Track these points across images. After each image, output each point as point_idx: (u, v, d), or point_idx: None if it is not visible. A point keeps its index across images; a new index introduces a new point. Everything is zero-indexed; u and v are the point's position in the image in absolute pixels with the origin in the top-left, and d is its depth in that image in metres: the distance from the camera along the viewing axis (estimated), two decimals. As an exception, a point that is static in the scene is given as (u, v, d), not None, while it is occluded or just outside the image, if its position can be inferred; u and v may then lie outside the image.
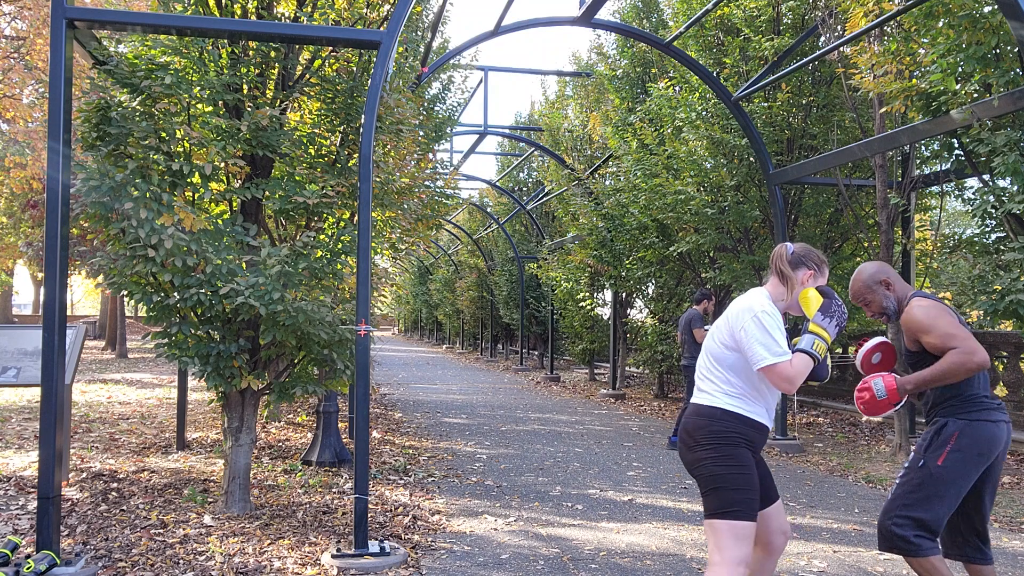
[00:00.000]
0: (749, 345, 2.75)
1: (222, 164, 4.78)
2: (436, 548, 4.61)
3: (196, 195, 4.86)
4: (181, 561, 4.15)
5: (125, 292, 4.69)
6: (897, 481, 3.11)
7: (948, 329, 2.94)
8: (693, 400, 2.94)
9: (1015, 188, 6.28)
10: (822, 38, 9.33)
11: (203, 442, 7.71)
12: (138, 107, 4.48)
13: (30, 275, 34.39)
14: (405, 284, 38.38)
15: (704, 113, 10.34)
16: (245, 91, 5.20)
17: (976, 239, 7.34)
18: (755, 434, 2.82)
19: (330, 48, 5.34)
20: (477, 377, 18.39)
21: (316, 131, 5.52)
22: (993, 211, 6.57)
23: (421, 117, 7.71)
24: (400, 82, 6.02)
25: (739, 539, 2.67)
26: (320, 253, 4.98)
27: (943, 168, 8.38)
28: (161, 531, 4.64)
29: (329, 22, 5.52)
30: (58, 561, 3.88)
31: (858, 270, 3.26)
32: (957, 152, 7.79)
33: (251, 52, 5.19)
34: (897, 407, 3.15)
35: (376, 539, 4.53)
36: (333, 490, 5.94)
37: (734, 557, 2.65)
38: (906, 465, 3.09)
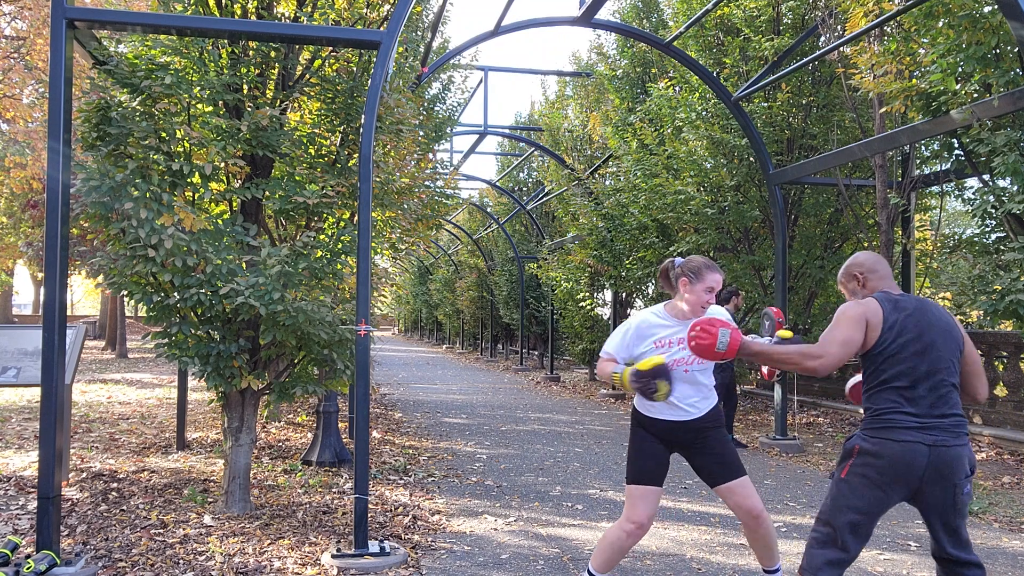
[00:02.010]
0: None
1: (222, 164, 4.78)
2: (436, 548, 4.61)
3: (196, 195, 4.86)
4: (181, 561, 4.15)
5: (125, 292, 4.69)
6: None
7: (832, 331, 2.88)
8: None
9: (1015, 188, 6.29)
10: (822, 38, 9.34)
11: (203, 442, 7.71)
12: (138, 107, 4.48)
13: (30, 275, 34.40)
14: (405, 284, 38.37)
15: (704, 113, 10.35)
16: (245, 91, 5.20)
17: (976, 239, 7.35)
18: (648, 422, 3.47)
19: (330, 48, 5.34)
20: (477, 377, 18.39)
21: (316, 131, 5.52)
22: (993, 211, 6.57)
23: (421, 117, 7.71)
24: (400, 82, 6.02)
25: (632, 498, 3.43)
26: (320, 253, 4.98)
27: (943, 168, 8.39)
28: (161, 531, 4.64)
29: (329, 22, 5.52)
30: (58, 561, 3.88)
31: (852, 257, 3.19)
32: (957, 152, 7.79)
33: (251, 52, 5.19)
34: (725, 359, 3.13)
35: (376, 539, 4.53)
36: (333, 490, 5.94)
37: (627, 512, 3.42)
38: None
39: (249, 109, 5.04)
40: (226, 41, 5.05)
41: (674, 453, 3.52)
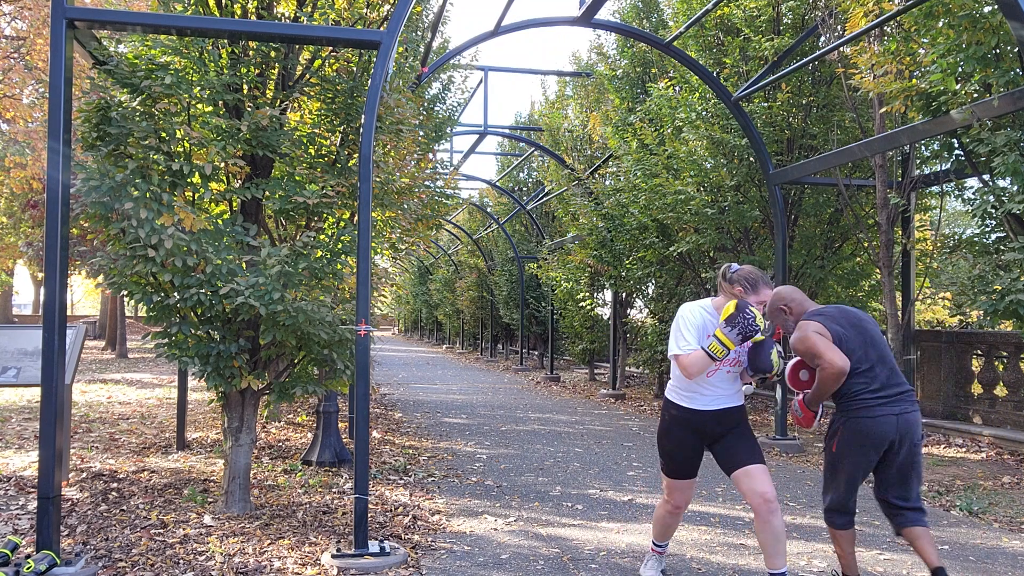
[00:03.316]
0: (670, 339, 3.69)
1: (222, 164, 4.78)
2: (436, 548, 4.61)
3: (196, 195, 4.85)
4: (181, 561, 4.15)
5: (125, 292, 4.69)
6: None
7: (814, 349, 3.49)
8: None
9: (1015, 188, 6.29)
10: (822, 38, 9.33)
11: (203, 442, 7.71)
12: (138, 107, 4.48)
13: (30, 275, 34.39)
14: (405, 284, 38.37)
15: (704, 113, 10.34)
16: (245, 91, 5.19)
17: (976, 239, 7.35)
18: (687, 414, 3.71)
19: (330, 48, 5.34)
20: (477, 377, 18.39)
21: (316, 131, 5.52)
22: (993, 211, 6.57)
23: (421, 117, 7.71)
24: (400, 82, 6.02)
25: (669, 488, 3.88)
26: (320, 253, 4.98)
27: (943, 168, 8.39)
28: (161, 531, 4.64)
29: (329, 22, 5.52)
30: (58, 561, 3.88)
31: (773, 292, 3.79)
32: (957, 152, 7.79)
33: (251, 52, 5.19)
34: (820, 416, 3.75)
35: (376, 539, 4.53)
36: (333, 490, 5.94)
37: (666, 495, 3.91)
38: None
39: (249, 109, 5.04)
40: (226, 41, 5.05)
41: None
